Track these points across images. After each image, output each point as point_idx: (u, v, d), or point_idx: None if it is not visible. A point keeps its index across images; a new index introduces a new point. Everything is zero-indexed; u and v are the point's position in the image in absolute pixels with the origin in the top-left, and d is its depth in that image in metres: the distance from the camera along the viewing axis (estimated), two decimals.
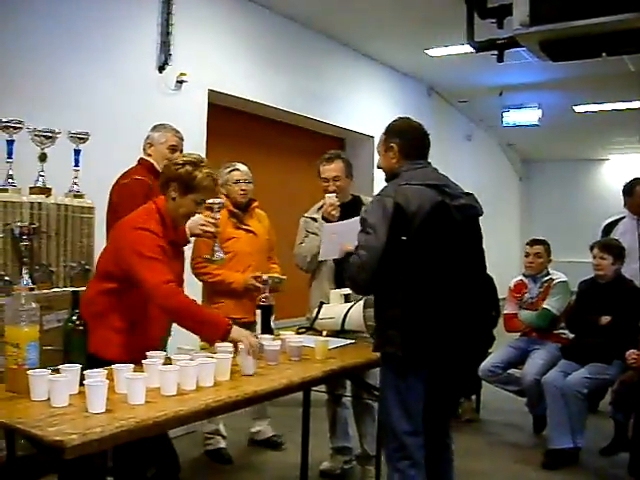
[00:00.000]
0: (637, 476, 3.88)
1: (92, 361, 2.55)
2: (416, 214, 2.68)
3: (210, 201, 3.31)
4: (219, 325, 2.73)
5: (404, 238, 2.69)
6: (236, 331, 2.74)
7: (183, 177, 2.85)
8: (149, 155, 3.83)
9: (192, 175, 2.84)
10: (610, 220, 5.61)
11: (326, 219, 3.90)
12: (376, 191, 2.99)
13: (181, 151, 3.79)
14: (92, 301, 2.79)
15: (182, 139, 3.90)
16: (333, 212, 3.87)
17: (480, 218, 3.01)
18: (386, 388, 2.85)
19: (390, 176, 2.96)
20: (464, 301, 2.80)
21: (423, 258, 2.71)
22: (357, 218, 3.81)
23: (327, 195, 3.92)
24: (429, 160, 3.01)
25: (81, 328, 2.48)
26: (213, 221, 3.31)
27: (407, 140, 2.94)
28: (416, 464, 2.78)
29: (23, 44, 4.54)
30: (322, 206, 4.02)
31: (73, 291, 2.57)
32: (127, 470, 3.48)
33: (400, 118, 3.10)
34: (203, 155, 5.90)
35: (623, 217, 5.49)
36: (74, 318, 2.46)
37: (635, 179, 5.50)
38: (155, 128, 3.92)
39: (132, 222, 2.84)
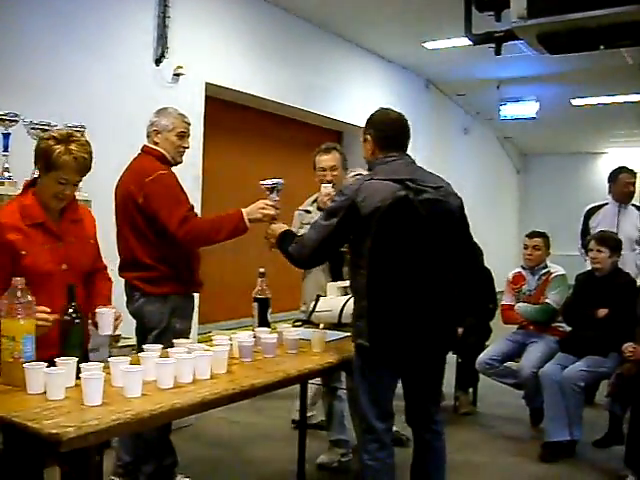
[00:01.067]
0: (633, 468, 3.89)
1: None
2: (375, 211, 2.75)
3: (269, 182, 3.31)
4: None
5: (351, 237, 2.89)
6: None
7: (44, 153, 2.62)
8: (156, 143, 3.53)
9: (51, 150, 2.59)
10: (592, 205, 5.73)
11: (321, 210, 3.89)
12: None
13: (188, 136, 3.60)
14: None
15: (189, 123, 3.63)
16: (329, 202, 3.85)
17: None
18: (356, 376, 2.97)
19: (370, 167, 3.03)
20: (431, 293, 2.86)
21: (385, 252, 2.79)
22: None
23: (323, 185, 3.90)
24: (408, 152, 3.04)
25: (77, 321, 2.47)
26: (272, 203, 3.30)
27: (380, 131, 2.98)
28: (384, 446, 2.94)
29: (19, 37, 4.52)
30: (317, 199, 4.02)
31: (69, 285, 2.55)
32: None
33: (380, 109, 3.11)
34: (200, 148, 5.99)
35: (606, 203, 5.57)
36: (70, 311, 2.44)
37: (620, 167, 5.61)
38: (159, 113, 3.60)
39: None
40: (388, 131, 2.99)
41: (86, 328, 2.68)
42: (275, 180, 3.31)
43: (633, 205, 5.58)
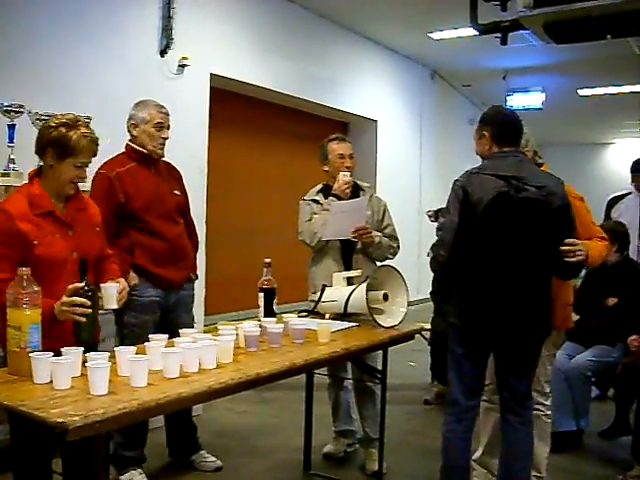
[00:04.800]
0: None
1: None
2: (478, 202, 2.95)
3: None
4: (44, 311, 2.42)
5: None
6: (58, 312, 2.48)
7: (57, 140, 2.62)
8: (135, 137, 3.61)
9: (67, 137, 2.61)
10: (615, 195, 5.63)
11: (338, 197, 3.89)
12: (379, 174, 3.04)
13: (168, 127, 3.62)
14: None
15: (167, 114, 3.64)
16: (347, 190, 3.89)
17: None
18: (449, 354, 3.21)
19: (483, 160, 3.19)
20: (518, 280, 2.98)
21: (481, 242, 2.98)
22: (363, 198, 3.87)
23: (342, 173, 3.93)
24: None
25: (90, 294, 2.46)
26: None
27: (498, 127, 3.11)
28: (461, 420, 3.14)
29: (25, 28, 4.52)
30: (321, 189, 4.03)
31: (81, 259, 2.55)
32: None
33: (493, 107, 3.30)
34: (205, 139, 5.99)
35: (629, 193, 5.48)
36: (83, 284, 2.44)
37: None
38: (137, 106, 3.65)
39: None
40: (504, 127, 3.11)
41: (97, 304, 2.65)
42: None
43: None
